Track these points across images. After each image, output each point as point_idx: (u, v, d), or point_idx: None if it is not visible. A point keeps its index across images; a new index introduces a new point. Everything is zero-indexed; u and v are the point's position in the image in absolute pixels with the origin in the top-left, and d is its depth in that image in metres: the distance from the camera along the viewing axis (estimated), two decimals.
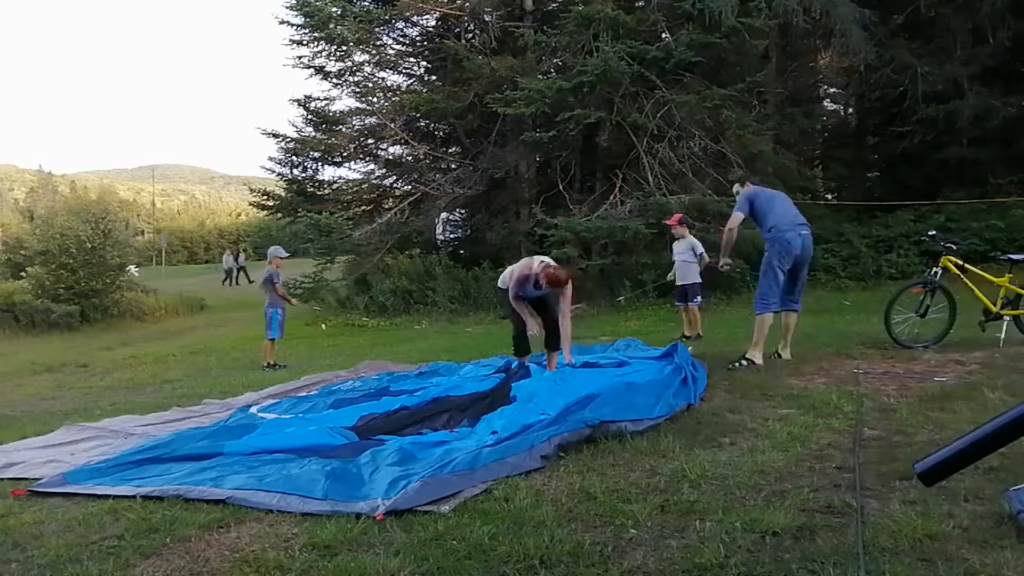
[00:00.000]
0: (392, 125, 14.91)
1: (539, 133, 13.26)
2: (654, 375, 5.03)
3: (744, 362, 5.80)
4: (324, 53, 15.68)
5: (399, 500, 2.90)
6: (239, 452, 3.84)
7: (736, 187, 6.67)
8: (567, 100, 12.65)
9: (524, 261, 5.84)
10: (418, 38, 17.18)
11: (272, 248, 9.17)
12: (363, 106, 16.17)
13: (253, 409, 5.23)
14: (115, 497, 3.25)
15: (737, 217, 6.10)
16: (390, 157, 16.86)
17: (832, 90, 18.89)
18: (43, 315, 17.60)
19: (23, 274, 19.10)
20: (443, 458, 3.37)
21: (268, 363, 8.62)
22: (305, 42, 15.50)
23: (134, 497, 3.22)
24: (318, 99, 16.47)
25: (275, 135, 16.29)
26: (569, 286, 5.64)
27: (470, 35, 15.35)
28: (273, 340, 8.76)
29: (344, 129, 16.23)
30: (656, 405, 4.20)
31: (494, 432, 3.82)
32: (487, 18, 14.96)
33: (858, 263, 12.85)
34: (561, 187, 13.71)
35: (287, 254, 9.36)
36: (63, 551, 2.66)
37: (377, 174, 17.30)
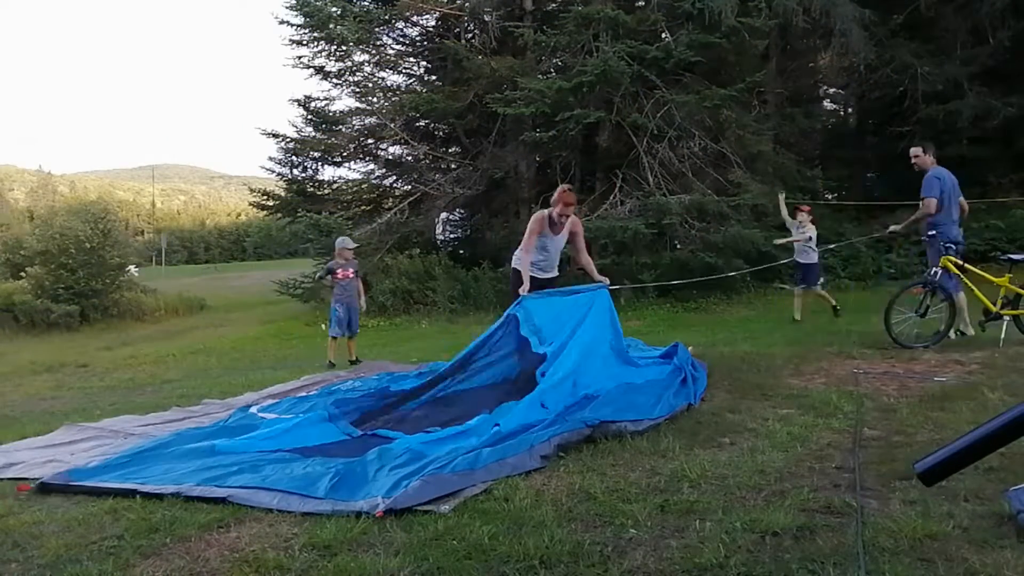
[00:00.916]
0: (392, 125, 14.89)
1: (539, 133, 13.25)
2: (654, 375, 5.03)
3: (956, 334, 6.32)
4: (324, 53, 15.65)
5: (399, 499, 2.91)
6: (242, 451, 3.84)
7: (917, 152, 6.63)
8: (567, 100, 12.64)
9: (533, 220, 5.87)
10: (418, 38, 17.16)
11: (339, 239, 8.61)
12: (363, 106, 16.14)
13: (253, 409, 5.23)
14: (115, 497, 3.25)
15: (931, 204, 6.27)
16: (390, 157, 16.83)
17: (832, 90, 18.86)
18: (43, 315, 17.58)
19: (23, 274, 19.08)
20: (445, 457, 3.38)
21: (329, 361, 8.17)
22: (305, 42, 15.47)
23: (134, 496, 3.22)
24: (318, 99, 16.43)
25: (275, 135, 16.25)
26: (579, 222, 5.92)
27: (470, 35, 15.33)
28: (335, 338, 8.28)
29: (344, 129, 16.20)
30: (656, 405, 4.21)
31: (496, 425, 3.83)
32: (487, 18, 14.94)
33: (858, 263, 12.86)
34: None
35: (355, 245, 8.67)
36: (63, 551, 2.66)
37: (377, 174, 17.27)
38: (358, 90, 16.19)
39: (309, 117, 16.58)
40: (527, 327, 4.97)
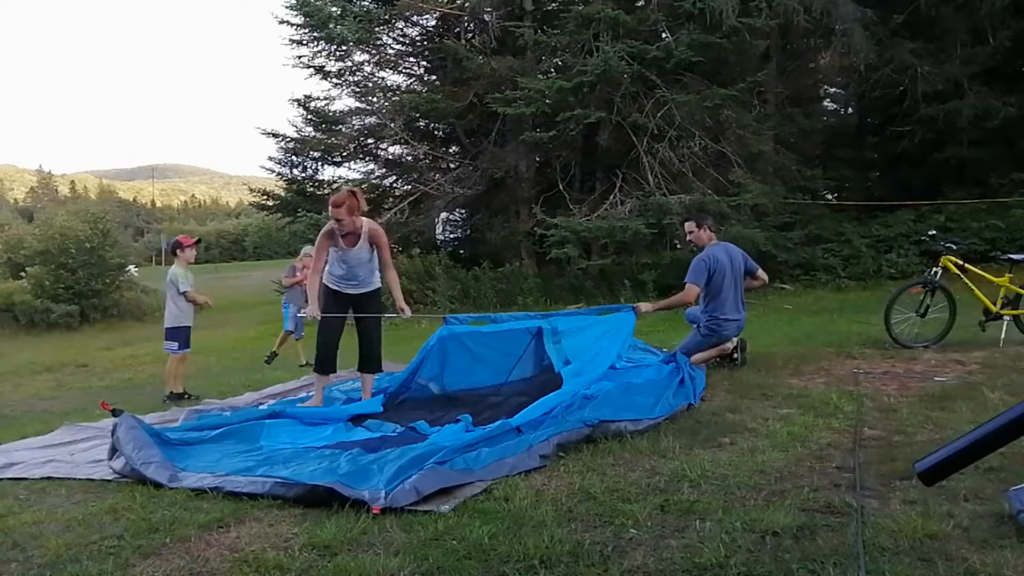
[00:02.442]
0: (392, 125, 14.89)
1: (539, 133, 13.26)
2: (654, 375, 5.04)
3: None
4: (324, 53, 15.66)
5: (397, 495, 2.90)
6: (285, 447, 3.93)
7: (690, 226, 5.85)
8: (567, 100, 12.64)
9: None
10: (418, 38, 17.17)
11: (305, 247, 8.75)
12: (363, 106, 16.15)
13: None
14: (116, 494, 3.26)
15: (693, 291, 5.48)
16: (390, 157, 16.84)
17: (832, 90, 18.86)
18: (43, 315, 17.60)
19: (23, 274, 19.09)
20: (446, 454, 3.36)
21: (301, 359, 8.35)
22: (305, 42, 15.48)
23: (133, 496, 3.23)
24: (318, 99, 16.44)
25: (275, 135, 16.25)
26: (379, 231, 5.25)
27: (470, 35, 15.34)
28: (288, 332, 8.61)
29: (344, 129, 16.21)
30: (656, 405, 4.21)
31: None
32: (487, 18, 14.94)
33: (858, 263, 12.85)
34: (561, 187, 13.71)
35: (302, 253, 8.58)
36: (63, 551, 2.66)
37: (377, 174, 17.27)
38: (358, 90, 16.20)
39: (309, 117, 16.58)
40: (551, 345, 5.14)
